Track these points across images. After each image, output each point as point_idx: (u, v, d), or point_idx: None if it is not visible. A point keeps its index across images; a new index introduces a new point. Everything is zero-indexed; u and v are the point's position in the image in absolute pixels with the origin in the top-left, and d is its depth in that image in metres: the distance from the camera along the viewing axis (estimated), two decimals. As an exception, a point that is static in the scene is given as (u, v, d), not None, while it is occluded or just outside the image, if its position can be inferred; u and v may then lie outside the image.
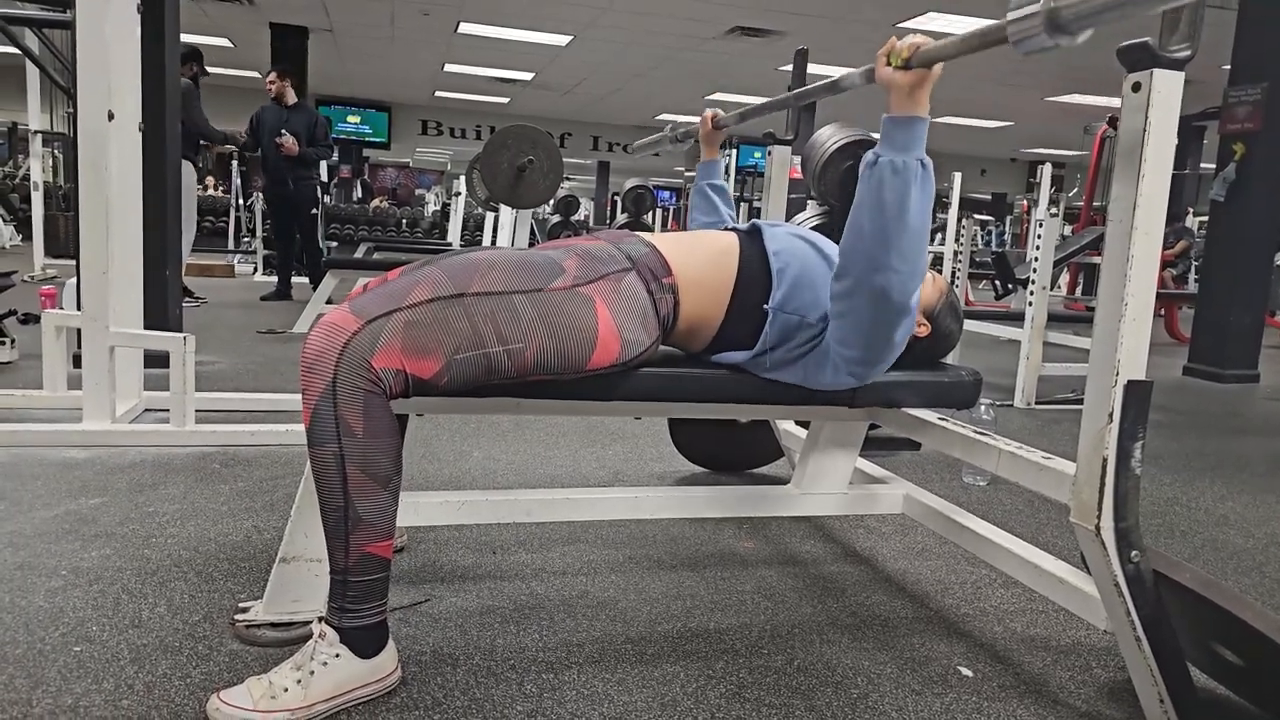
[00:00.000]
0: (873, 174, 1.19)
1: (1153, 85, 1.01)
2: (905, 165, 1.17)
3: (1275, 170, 4.99)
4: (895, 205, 1.17)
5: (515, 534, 1.82)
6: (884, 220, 1.18)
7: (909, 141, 1.17)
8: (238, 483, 2.07)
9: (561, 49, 9.16)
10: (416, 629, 1.38)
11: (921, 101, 1.17)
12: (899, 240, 1.19)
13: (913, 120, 1.18)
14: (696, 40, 8.42)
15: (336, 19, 8.54)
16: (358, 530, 1.10)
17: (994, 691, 1.30)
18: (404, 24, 8.57)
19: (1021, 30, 0.99)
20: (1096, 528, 1.10)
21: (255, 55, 9.83)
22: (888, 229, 1.18)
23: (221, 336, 4.35)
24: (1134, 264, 1.06)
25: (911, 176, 1.17)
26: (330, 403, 1.07)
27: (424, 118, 14.51)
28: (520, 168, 3.77)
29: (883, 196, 1.18)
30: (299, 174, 5.68)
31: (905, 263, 1.20)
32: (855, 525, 2.03)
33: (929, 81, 1.16)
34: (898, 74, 1.16)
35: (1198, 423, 3.71)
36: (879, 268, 1.20)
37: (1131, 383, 1.08)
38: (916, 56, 1.14)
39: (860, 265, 1.22)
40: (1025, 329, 3.74)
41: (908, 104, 1.17)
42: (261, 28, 8.86)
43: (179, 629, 1.33)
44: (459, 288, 1.15)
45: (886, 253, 1.19)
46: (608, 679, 1.26)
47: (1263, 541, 2.12)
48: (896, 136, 1.18)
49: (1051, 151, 14.55)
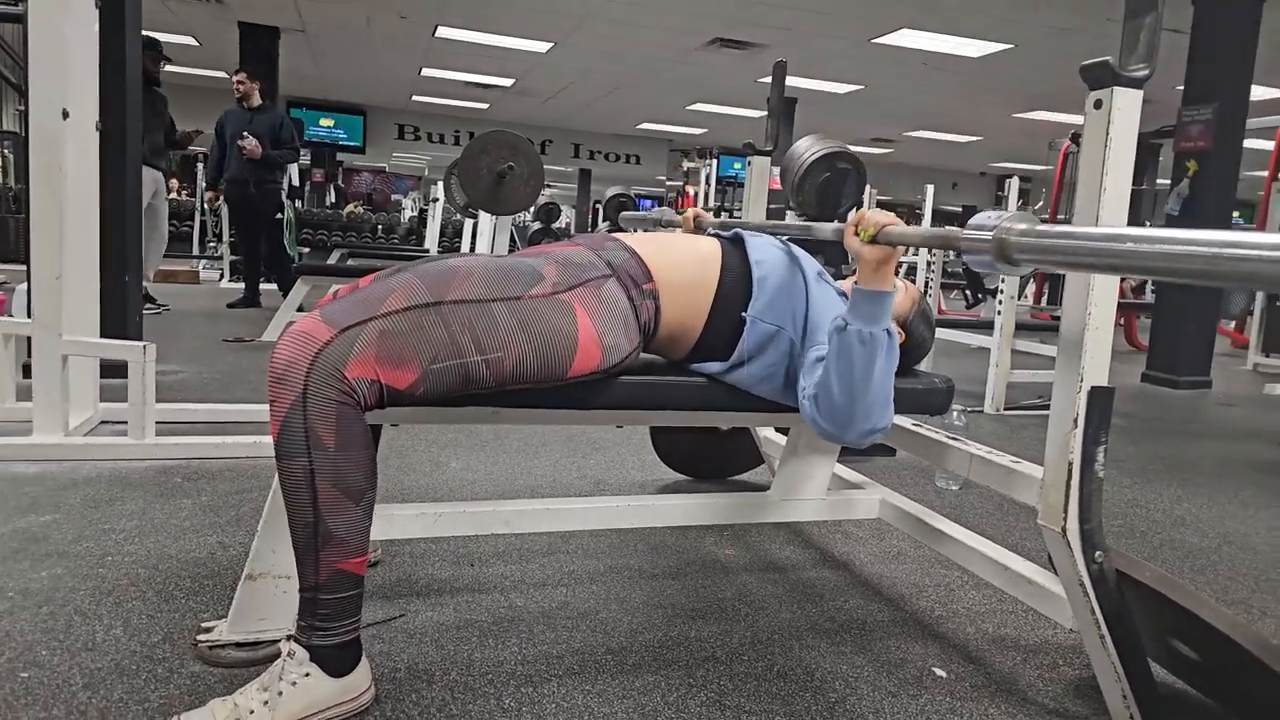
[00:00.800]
0: (842, 340, 1.23)
1: (1113, 102, 1.07)
2: (873, 336, 1.22)
3: (1225, 186, 5.19)
4: (862, 371, 1.22)
5: (494, 546, 1.81)
6: (851, 384, 1.22)
7: (875, 314, 1.22)
8: (201, 497, 2.00)
9: (542, 56, 9.17)
10: (390, 645, 1.35)
11: (887, 277, 1.24)
12: (863, 401, 1.23)
13: (879, 294, 1.23)
14: (678, 50, 8.48)
15: (309, 20, 8.47)
16: (328, 546, 1.07)
17: (967, 691, 1.34)
18: (380, 26, 8.53)
19: (973, 247, 1.07)
20: (1063, 529, 1.15)
21: (222, 55, 9.68)
22: (854, 392, 1.23)
23: (185, 345, 4.26)
24: (1097, 275, 1.11)
25: (878, 346, 1.22)
26: (300, 414, 1.04)
27: (401, 122, 14.42)
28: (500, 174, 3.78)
29: (852, 363, 1.22)
30: (262, 177, 5.56)
31: (868, 421, 1.25)
32: (833, 530, 2.07)
33: (893, 259, 1.23)
34: (865, 248, 1.23)
35: (1155, 428, 3.82)
36: (847, 425, 1.25)
37: (1095, 389, 1.13)
38: (881, 235, 1.22)
39: (829, 421, 1.26)
40: (995, 337, 3.83)
41: (874, 279, 1.23)
42: (230, 27, 8.74)
43: (136, 651, 1.28)
44: (436, 295, 1.13)
45: (853, 412, 1.24)
46: (588, 690, 1.26)
47: (1216, 541, 2.20)
48: (864, 308, 1.23)
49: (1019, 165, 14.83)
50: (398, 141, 14.70)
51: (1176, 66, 5.15)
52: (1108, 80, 1.07)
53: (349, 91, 12.91)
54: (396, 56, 9.93)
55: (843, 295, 1.42)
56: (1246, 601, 1.80)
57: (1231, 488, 2.76)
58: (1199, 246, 0.82)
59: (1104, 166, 1.09)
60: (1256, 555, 2.11)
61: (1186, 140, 5.21)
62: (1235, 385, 5.44)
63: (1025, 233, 1.01)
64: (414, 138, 14.59)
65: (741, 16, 7.09)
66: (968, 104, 10.10)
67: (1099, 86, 1.08)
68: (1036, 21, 6.38)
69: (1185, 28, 5.16)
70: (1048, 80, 8.42)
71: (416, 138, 14.59)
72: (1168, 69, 2.59)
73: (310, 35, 9.14)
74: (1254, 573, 1.98)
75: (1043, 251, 1.00)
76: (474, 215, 6.60)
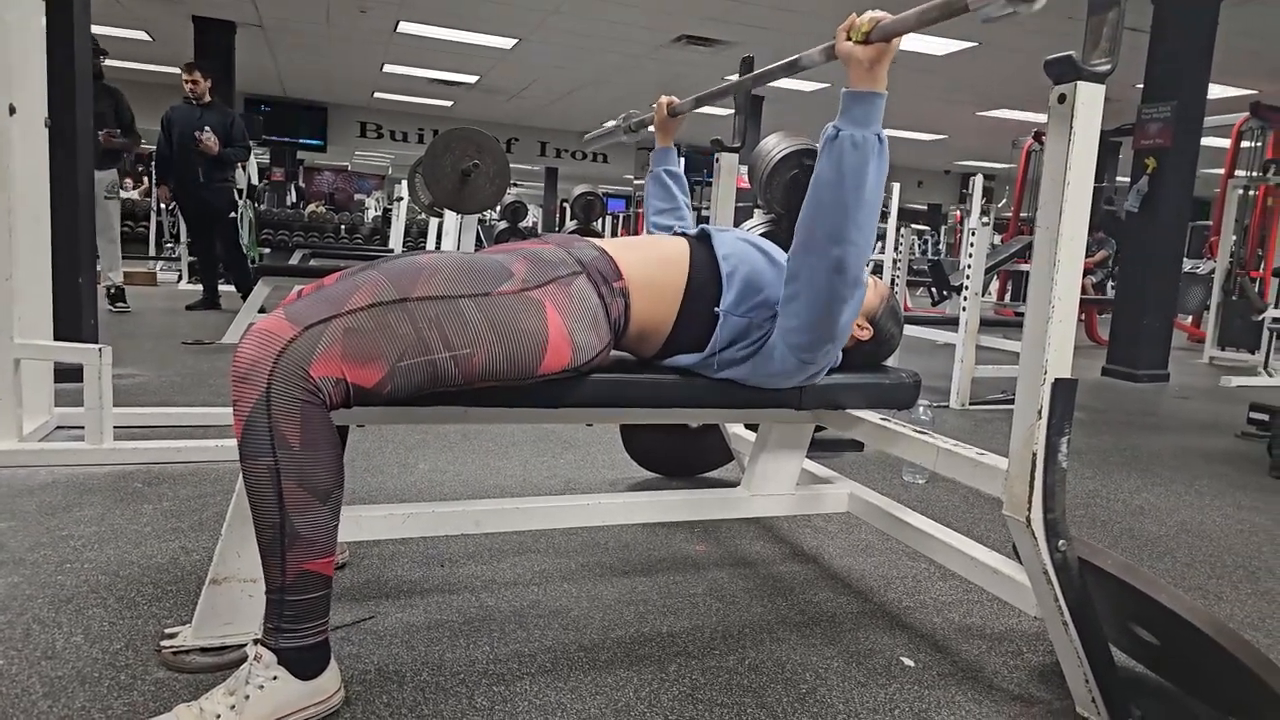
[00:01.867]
0: (833, 148, 1.20)
1: (1077, 96, 1.09)
2: (864, 140, 1.19)
3: (1183, 183, 5.32)
4: (854, 178, 1.20)
5: (464, 546, 1.80)
6: (843, 193, 1.20)
7: (867, 116, 1.20)
8: (162, 502, 1.97)
9: (507, 52, 9.11)
10: (360, 647, 1.33)
11: (880, 77, 1.20)
12: (857, 212, 1.21)
13: (872, 95, 1.20)
14: (645, 47, 8.47)
15: (266, 14, 8.31)
16: (295, 547, 1.05)
17: (934, 680, 1.35)
18: (340, 22, 8.40)
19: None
20: (1027, 519, 1.17)
21: (175, 50, 9.44)
22: (846, 201, 1.20)
23: (144, 347, 4.17)
24: (1060, 268, 1.13)
25: (870, 150, 1.20)
26: (264, 414, 1.02)
27: (362, 119, 14.24)
28: (465, 172, 3.74)
29: (842, 169, 1.19)
30: (214, 176, 5.44)
31: (861, 234, 1.23)
32: (803, 525, 2.09)
33: (887, 57, 1.19)
34: (858, 48, 1.19)
35: (1115, 420, 3.90)
36: (838, 239, 1.22)
37: (1058, 381, 1.15)
38: (876, 30, 1.18)
39: (820, 237, 1.23)
40: (960, 333, 3.89)
41: (867, 79, 1.20)
42: (184, 21, 8.54)
43: (98, 659, 1.25)
44: (402, 292, 1.12)
45: (845, 224, 1.21)
46: (561, 688, 1.26)
47: (1174, 529, 2.26)
48: (856, 111, 1.20)
49: (983, 164, 15.09)
50: (360, 140, 14.51)
51: (1136, 65, 5.26)
52: (1071, 75, 1.09)
53: (309, 88, 12.71)
54: (357, 52, 9.79)
55: None
56: (1203, 587, 1.85)
57: (1188, 477, 2.84)
58: None
59: (1068, 159, 1.10)
60: (1212, 542, 2.17)
61: (1146, 138, 5.32)
62: (1192, 378, 5.58)
63: None
64: (376, 136, 14.41)
65: (708, 13, 7.11)
66: (933, 102, 10.24)
67: (1063, 81, 1.10)
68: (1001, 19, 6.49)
69: (1145, 27, 5.28)
70: (1011, 78, 8.56)
71: (379, 136, 14.42)
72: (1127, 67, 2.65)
73: (268, 30, 8.97)
74: (1210, 559, 2.04)
75: None
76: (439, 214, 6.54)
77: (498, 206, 7.74)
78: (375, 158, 18.68)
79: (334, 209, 14.80)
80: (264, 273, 4.73)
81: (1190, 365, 6.21)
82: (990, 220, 4.19)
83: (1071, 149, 1.10)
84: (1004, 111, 10.45)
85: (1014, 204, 8.43)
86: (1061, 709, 1.28)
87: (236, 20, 8.62)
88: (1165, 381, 5.32)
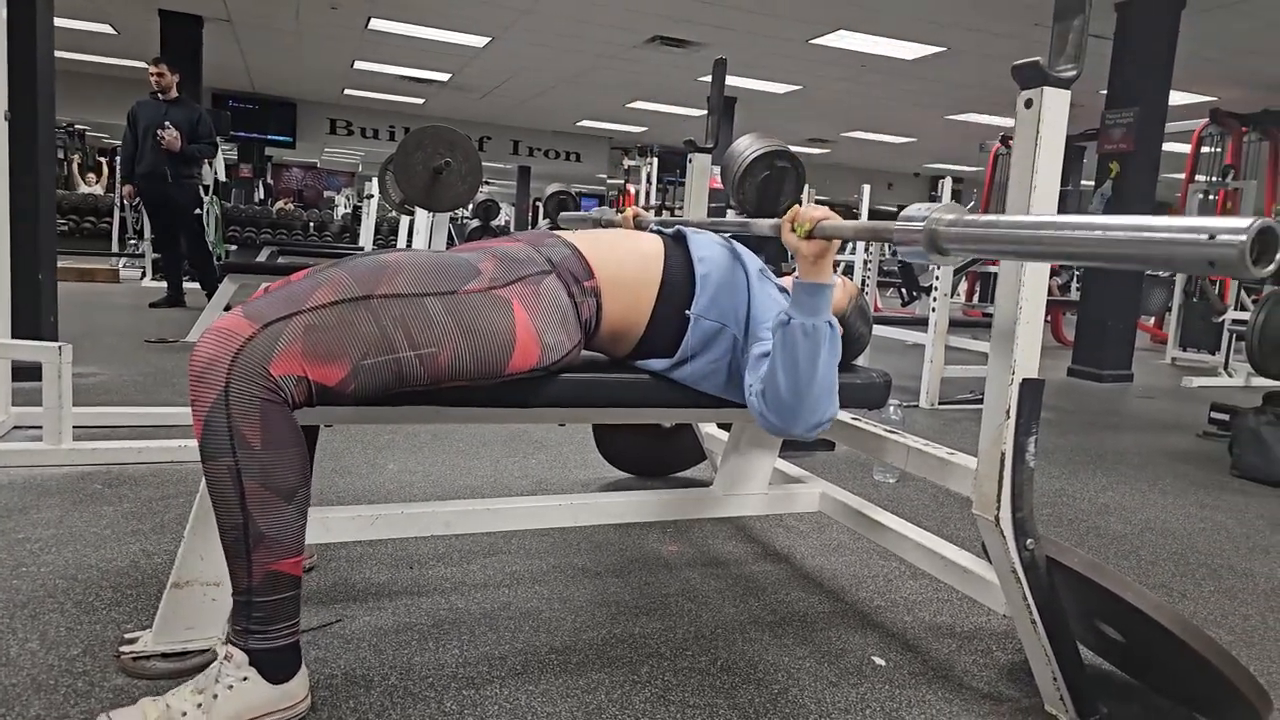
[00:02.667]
0: (786, 334, 1.24)
1: (1043, 101, 1.10)
2: (815, 328, 1.24)
3: (1145, 186, 5.44)
4: (807, 364, 1.24)
5: (433, 548, 1.78)
6: (797, 378, 1.24)
7: (817, 306, 1.24)
8: (123, 504, 1.92)
9: (479, 50, 9.04)
10: (326, 651, 1.31)
11: (825, 270, 1.26)
12: (809, 394, 1.25)
13: (819, 287, 1.25)
14: (617, 47, 8.46)
15: (235, 8, 8.16)
16: (260, 548, 1.04)
17: (905, 679, 1.36)
18: (310, 17, 8.28)
19: (906, 238, 1.09)
20: (996, 518, 1.18)
21: (141, 44, 9.26)
22: (800, 386, 1.24)
23: (105, 345, 4.07)
24: (1027, 270, 1.14)
25: (821, 338, 1.24)
26: (223, 413, 1.01)
27: (332, 116, 14.06)
28: (436, 169, 3.70)
29: (796, 357, 1.24)
30: (179, 172, 5.33)
31: (814, 414, 1.27)
32: (775, 524, 2.09)
33: (830, 252, 1.25)
34: (802, 243, 1.25)
35: (1081, 420, 3.97)
36: (793, 419, 1.27)
37: (1026, 381, 1.16)
38: (817, 229, 1.24)
39: (775, 415, 1.27)
40: (929, 334, 3.93)
41: (813, 272, 1.25)
42: (150, 14, 8.36)
43: (54, 665, 1.23)
44: (366, 290, 1.10)
45: (800, 405, 1.25)
46: (531, 691, 1.25)
47: (1139, 527, 2.30)
48: (806, 302, 1.24)
49: (951, 167, 15.28)
50: (330, 136, 14.33)
51: (1100, 71, 5.37)
52: (1037, 80, 1.10)
53: (278, 84, 12.53)
54: (328, 48, 9.67)
55: (785, 291, 1.43)
56: (1168, 584, 1.88)
57: (1152, 476, 2.89)
58: (1114, 231, 0.86)
59: (1034, 162, 1.12)
60: (1176, 540, 2.21)
61: (1109, 142, 5.44)
62: (1155, 379, 5.70)
63: (954, 223, 1.04)
64: (347, 132, 14.24)
65: (681, 14, 7.12)
66: (903, 105, 10.34)
67: (1029, 86, 1.12)
68: (969, 25, 6.57)
69: (1109, 34, 5.39)
70: (979, 83, 8.67)
71: (349, 132, 14.24)
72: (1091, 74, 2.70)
73: (236, 25, 8.82)
74: (1174, 557, 2.07)
75: (971, 240, 1.02)
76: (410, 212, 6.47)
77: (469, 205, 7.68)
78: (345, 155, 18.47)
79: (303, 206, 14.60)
80: (230, 270, 4.65)
81: (1153, 366, 6.34)
82: (959, 222, 4.23)
83: (1038, 152, 1.11)
84: (972, 115, 10.60)
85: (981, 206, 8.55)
86: (1030, 706, 1.29)
87: (204, 15, 8.47)
88: (1129, 382, 5.43)
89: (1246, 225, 0.76)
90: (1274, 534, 2.30)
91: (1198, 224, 0.79)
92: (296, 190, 19.57)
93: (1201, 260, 0.79)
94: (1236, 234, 0.76)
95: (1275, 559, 2.09)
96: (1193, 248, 0.79)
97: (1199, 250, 0.79)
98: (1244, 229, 0.76)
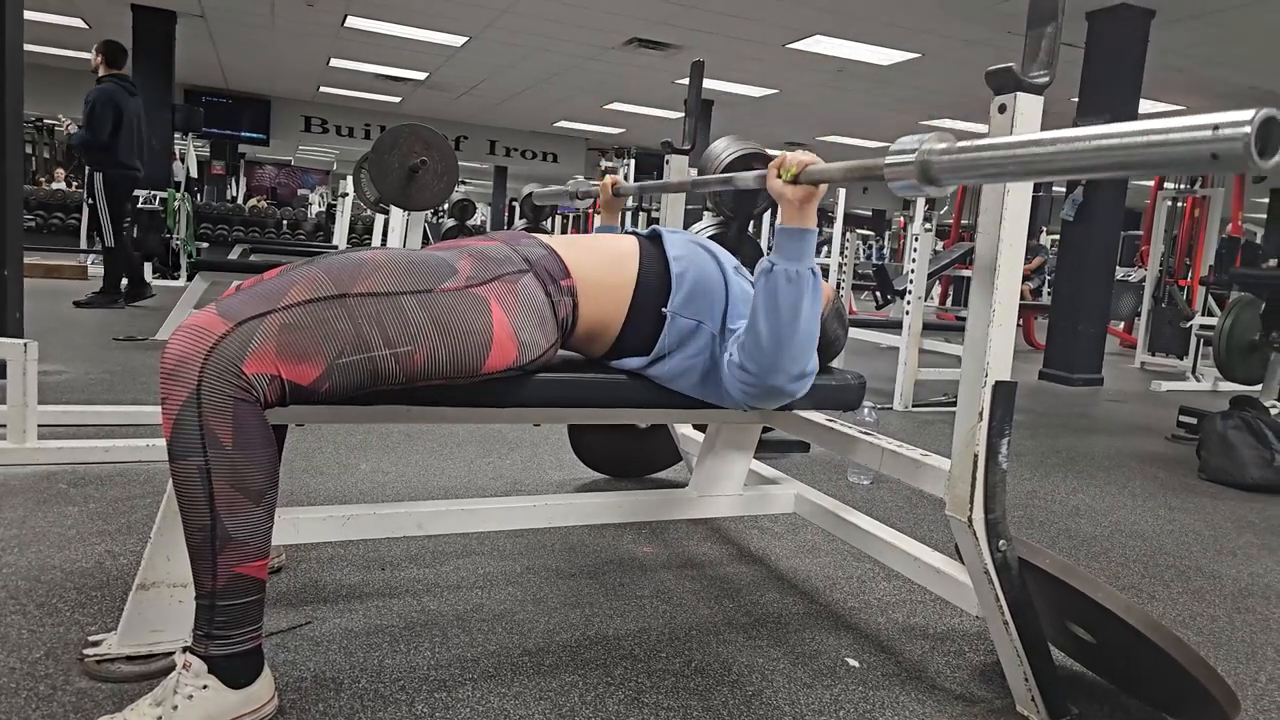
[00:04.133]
0: (768, 281, 1.24)
1: (1017, 107, 1.11)
2: (798, 274, 1.24)
3: (1116, 194, 5.53)
4: (789, 312, 1.24)
5: (406, 549, 1.76)
6: (778, 325, 1.24)
7: (800, 252, 1.24)
8: (88, 504, 1.89)
9: (456, 50, 8.98)
10: (295, 653, 1.29)
11: (810, 215, 1.26)
12: (790, 345, 1.25)
13: (803, 232, 1.25)
14: (595, 49, 8.45)
15: (209, 4, 8.05)
16: (226, 550, 1.02)
17: (878, 680, 1.36)
18: (285, 14, 8.18)
19: (897, 174, 1.08)
20: (969, 519, 1.18)
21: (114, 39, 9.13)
22: (781, 334, 1.25)
23: (72, 343, 4.01)
24: (1000, 274, 1.15)
25: (804, 285, 1.24)
26: (194, 412, 1.00)
27: (307, 114, 13.90)
28: (412, 168, 3.67)
29: (778, 303, 1.24)
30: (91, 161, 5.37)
31: (795, 364, 1.27)
32: (749, 526, 2.09)
33: (816, 198, 1.25)
34: (787, 188, 1.25)
35: (1052, 422, 4.02)
36: (774, 369, 1.27)
37: (999, 383, 1.16)
38: (804, 174, 1.24)
39: (756, 365, 1.28)
40: (903, 336, 3.96)
41: (798, 217, 1.25)
42: (122, 9, 8.21)
43: (15, 668, 1.20)
44: (341, 288, 1.09)
45: (780, 355, 1.26)
46: (504, 693, 1.24)
47: (1108, 529, 2.32)
48: (789, 247, 1.25)
49: (926, 171, 15.43)
50: (304, 134, 14.16)
51: (1071, 79, 5.44)
52: (1011, 85, 1.11)
53: (252, 81, 12.36)
54: (303, 46, 9.56)
55: None
56: (1137, 586, 1.90)
57: (1122, 479, 2.93)
58: (1111, 138, 0.85)
59: (1007, 167, 1.12)
60: (1145, 541, 2.23)
61: (1080, 150, 5.52)
62: (1125, 383, 5.79)
63: (946, 151, 1.03)
64: (321, 130, 14.08)
65: (659, 17, 7.13)
66: (878, 110, 10.43)
67: (1003, 91, 1.12)
68: (943, 32, 6.64)
69: (1080, 42, 5.47)
70: (954, 88, 8.77)
71: (324, 130, 14.08)
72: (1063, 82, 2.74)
73: (210, 20, 8.70)
74: (1144, 558, 2.10)
75: (964, 168, 1.01)
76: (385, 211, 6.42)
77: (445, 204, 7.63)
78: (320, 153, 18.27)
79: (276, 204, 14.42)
80: (200, 267, 4.60)
81: (1123, 370, 6.44)
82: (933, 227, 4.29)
83: (1013, 156, 1.12)
84: (947, 121, 10.71)
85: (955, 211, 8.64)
86: (1002, 707, 1.29)
87: (177, 9, 8.33)
88: (1099, 385, 5.51)
89: (1250, 116, 0.74)
90: (1240, 536, 2.34)
91: (1199, 120, 0.78)
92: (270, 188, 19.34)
93: (1204, 156, 0.77)
94: (1240, 125, 0.74)
95: (1242, 561, 2.13)
96: (1194, 145, 0.77)
97: (1201, 147, 0.77)
98: (1248, 120, 0.74)
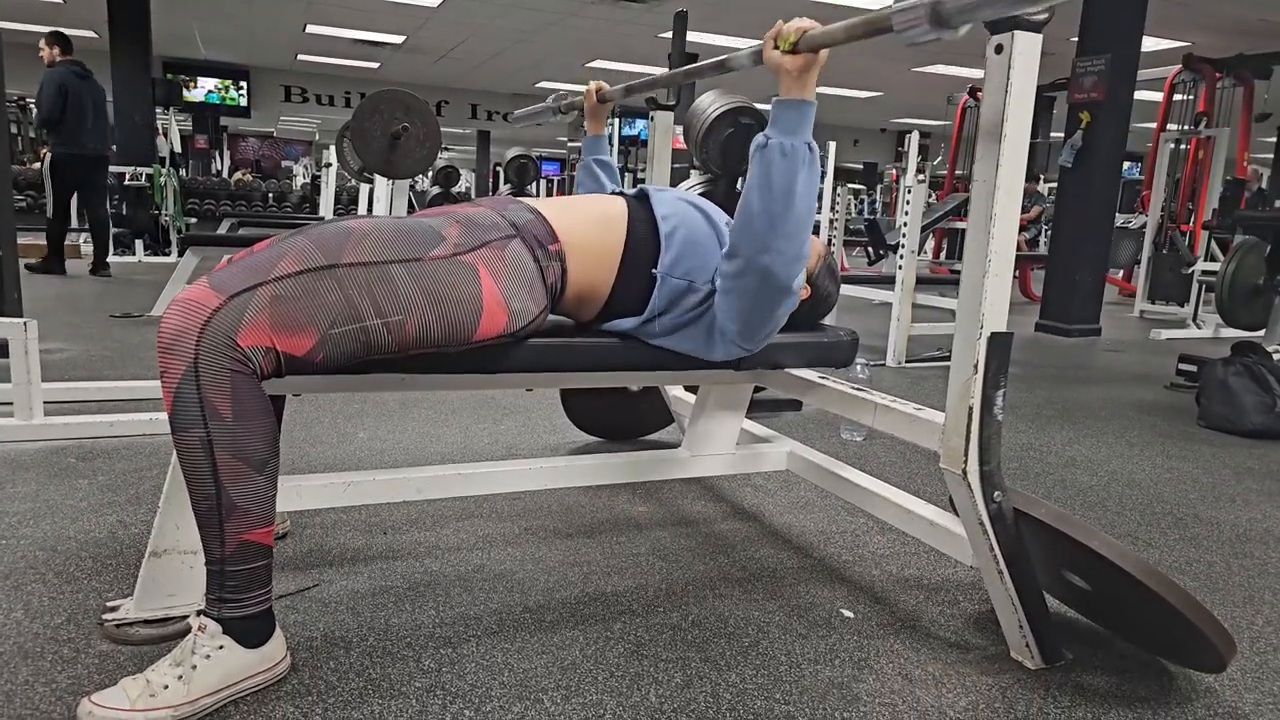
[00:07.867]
0: (763, 156, 1.21)
1: (1014, 46, 1.08)
2: (794, 148, 1.20)
3: (1117, 137, 5.35)
4: (783, 187, 1.20)
5: (406, 513, 1.78)
6: (772, 202, 1.21)
7: (797, 125, 1.20)
8: (98, 477, 1.92)
9: (433, 10, 8.79)
10: (305, 615, 1.33)
11: (809, 86, 1.21)
12: (784, 223, 1.22)
13: (801, 104, 1.21)
14: (576, 4, 8.26)
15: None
16: (232, 518, 1.05)
17: (873, 630, 1.37)
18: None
19: (906, 20, 1.03)
20: (963, 471, 1.18)
21: (88, 13, 8.91)
22: (774, 211, 1.21)
23: (70, 321, 4.02)
24: (996, 222, 1.13)
25: (800, 160, 1.20)
26: (193, 384, 1.01)
27: (287, 84, 13.65)
28: (394, 135, 3.60)
29: (771, 178, 1.20)
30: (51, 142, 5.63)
31: (790, 244, 1.24)
32: (743, 484, 2.09)
33: (815, 66, 1.20)
34: (785, 58, 1.19)
35: (1048, 374, 4.02)
36: (766, 248, 1.23)
37: (994, 334, 1.15)
38: (803, 41, 1.17)
39: (748, 245, 1.24)
40: (896, 292, 3.93)
41: (795, 88, 1.21)
42: (96, -19, 8.03)
43: (39, 633, 1.24)
44: (330, 259, 1.09)
45: (773, 234, 1.22)
46: (507, 649, 1.26)
47: (1105, 479, 2.33)
48: (785, 119, 1.21)
49: (918, 121, 15.24)
50: (285, 104, 13.93)
51: (1071, 16, 5.26)
52: (1008, 24, 1.07)
53: (230, 51, 12.11)
54: (278, 12, 9.34)
55: None
56: (1134, 534, 1.91)
57: (1119, 429, 2.93)
58: None
59: (1005, 110, 1.09)
60: (1142, 491, 2.24)
61: (1080, 92, 5.33)
62: (1123, 332, 5.78)
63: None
64: (302, 100, 13.85)
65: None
66: (868, 58, 10.26)
67: (1000, 30, 1.09)
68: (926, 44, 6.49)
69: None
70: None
71: (305, 100, 13.85)
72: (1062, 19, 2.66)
73: (183, -13, 8.49)
74: (1140, 507, 2.11)
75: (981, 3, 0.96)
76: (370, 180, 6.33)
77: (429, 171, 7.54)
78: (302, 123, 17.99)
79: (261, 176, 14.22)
80: (190, 243, 4.58)
81: (1121, 319, 6.43)
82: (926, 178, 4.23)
83: (1009, 100, 1.09)
84: (939, 67, 10.54)
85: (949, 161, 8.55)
86: (996, 654, 1.30)
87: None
88: (1097, 336, 5.48)
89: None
90: (1240, 483, 2.35)
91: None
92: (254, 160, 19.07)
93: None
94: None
95: (1240, 507, 2.14)
96: None
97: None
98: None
